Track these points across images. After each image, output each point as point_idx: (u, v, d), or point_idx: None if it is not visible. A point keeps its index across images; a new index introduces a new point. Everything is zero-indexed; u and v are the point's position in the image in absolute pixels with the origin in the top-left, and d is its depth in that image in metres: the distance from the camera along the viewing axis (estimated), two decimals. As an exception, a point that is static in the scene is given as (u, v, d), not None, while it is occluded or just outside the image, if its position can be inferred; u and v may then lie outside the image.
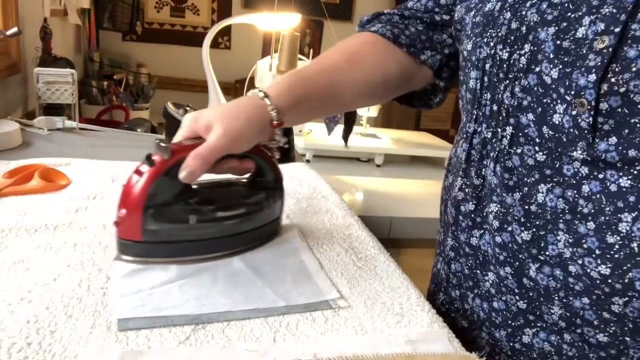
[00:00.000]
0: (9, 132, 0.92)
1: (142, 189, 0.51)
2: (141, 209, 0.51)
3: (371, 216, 1.01)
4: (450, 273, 0.60)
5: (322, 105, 0.63)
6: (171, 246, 0.54)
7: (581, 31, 0.42)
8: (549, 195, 0.46)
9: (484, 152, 0.52)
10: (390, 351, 0.44)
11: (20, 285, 0.47)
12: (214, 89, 1.61)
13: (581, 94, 0.42)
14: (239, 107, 0.54)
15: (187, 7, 2.97)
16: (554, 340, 0.49)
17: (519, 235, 0.48)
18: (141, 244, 0.52)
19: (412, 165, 1.51)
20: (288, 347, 0.43)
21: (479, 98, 0.53)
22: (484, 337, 0.55)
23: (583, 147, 0.43)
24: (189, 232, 0.55)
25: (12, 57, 1.31)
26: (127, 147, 1.04)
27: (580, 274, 0.44)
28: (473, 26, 0.53)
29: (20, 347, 0.39)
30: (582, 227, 0.44)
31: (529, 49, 0.46)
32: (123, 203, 0.51)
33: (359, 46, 0.65)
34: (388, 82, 0.66)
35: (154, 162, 0.51)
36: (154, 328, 0.43)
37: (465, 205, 0.55)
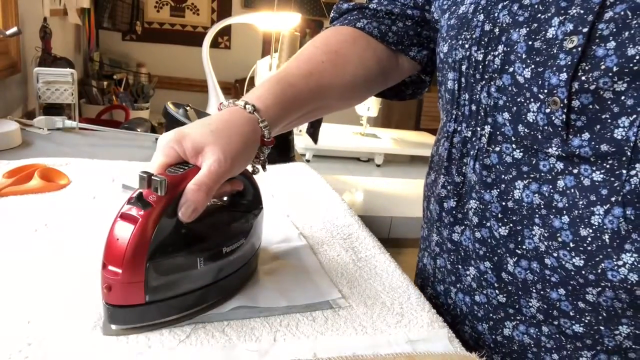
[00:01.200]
0: (9, 132, 0.92)
1: (141, 238, 0.40)
2: (143, 264, 0.40)
3: (371, 216, 1.01)
4: (436, 268, 0.61)
5: (309, 112, 0.59)
6: (178, 300, 0.44)
7: (551, 32, 0.43)
8: (525, 191, 0.47)
9: (464, 151, 0.54)
10: (390, 351, 0.44)
11: (20, 285, 0.47)
12: (213, 88, 1.61)
13: (554, 93, 0.43)
14: (229, 124, 0.47)
15: (187, 7, 2.97)
16: (533, 332, 0.50)
17: (497, 231, 0.50)
18: (142, 306, 0.42)
19: (412, 165, 1.51)
20: (288, 347, 0.43)
21: (457, 98, 0.54)
22: (467, 331, 0.57)
23: (557, 143, 0.44)
24: (198, 278, 0.45)
25: (12, 57, 1.31)
26: (127, 147, 1.04)
27: (555, 267, 0.46)
28: (448, 29, 0.54)
29: (20, 347, 0.39)
30: (557, 221, 0.45)
31: (502, 50, 0.47)
32: (114, 261, 0.40)
33: (341, 44, 0.63)
34: (368, 80, 0.65)
35: (150, 203, 0.41)
36: (154, 328, 0.43)
37: (448, 202, 0.56)
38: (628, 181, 0.41)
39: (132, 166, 0.86)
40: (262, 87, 0.53)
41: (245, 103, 0.49)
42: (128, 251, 0.40)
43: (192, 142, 0.44)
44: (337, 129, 1.58)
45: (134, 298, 0.41)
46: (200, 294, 0.46)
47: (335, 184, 0.92)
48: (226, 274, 0.48)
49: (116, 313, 0.42)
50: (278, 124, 0.52)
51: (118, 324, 0.42)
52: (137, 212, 0.40)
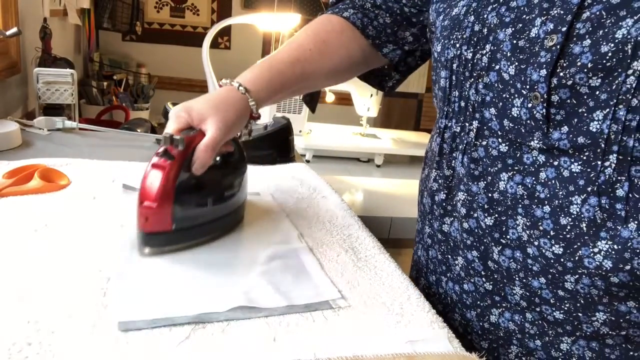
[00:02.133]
0: (9, 132, 0.92)
1: (169, 180, 0.53)
2: (171, 200, 0.54)
3: (371, 216, 1.01)
4: (429, 259, 0.64)
5: (293, 93, 0.71)
6: (194, 230, 0.58)
7: (534, 31, 0.46)
8: (509, 182, 0.50)
9: (453, 145, 0.56)
10: (390, 351, 0.44)
11: (20, 285, 0.47)
12: (213, 89, 1.61)
13: (535, 88, 0.46)
14: (226, 100, 0.60)
15: (187, 7, 2.97)
16: (517, 319, 0.52)
17: (483, 221, 0.52)
18: (170, 233, 0.55)
19: (412, 165, 1.51)
20: (288, 347, 0.43)
21: (448, 95, 0.57)
22: (457, 319, 0.59)
23: (539, 136, 0.47)
24: (208, 213, 0.60)
25: (12, 57, 1.31)
26: (127, 147, 1.04)
27: (536, 255, 0.48)
28: (442, 29, 0.57)
29: (21, 347, 0.39)
30: (538, 211, 0.47)
31: (490, 49, 0.50)
32: (149, 198, 0.53)
33: (329, 34, 0.71)
34: (352, 66, 0.74)
35: (173, 156, 0.54)
36: (154, 328, 0.43)
37: (439, 195, 0.59)
38: (603, 172, 0.43)
39: (132, 166, 0.86)
40: (254, 72, 0.65)
41: (239, 85, 0.62)
42: (160, 189, 0.53)
43: (197, 113, 0.58)
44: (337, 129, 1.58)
45: (164, 226, 0.55)
46: (209, 226, 0.60)
47: (335, 184, 0.92)
48: (226, 212, 0.63)
49: (150, 238, 0.55)
50: (265, 102, 0.65)
51: (151, 247, 0.55)
52: (164, 162, 0.54)
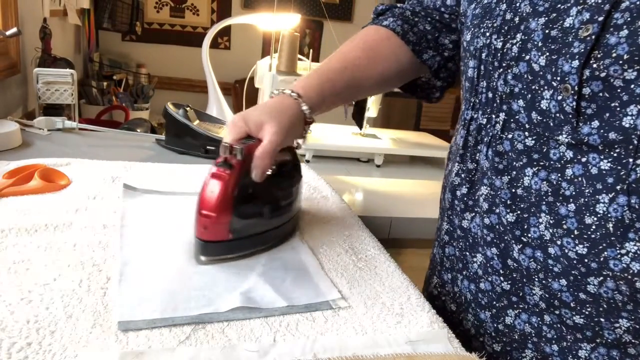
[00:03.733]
0: (9, 132, 0.92)
1: (229, 190, 0.53)
2: (230, 209, 0.54)
3: (371, 216, 1.01)
4: (445, 257, 0.62)
5: (343, 99, 0.70)
6: (251, 239, 0.58)
7: (568, 21, 0.45)
8: (534, 178, 0.48)
9: (478, 138, 0.55)
10: (390, 351, 0.44)
11: (20, 285, 0.47)
12: (213, 89, 1.61)
13: (565, 80, 0.44)
14: (281, 106, 0.60)
15: (186, 7, 2.97)
16: (535, 321, 0.51)
17: (505, 217, 0.51)
18: (228, 242, 0.55)
19: (412, 165, 1.51)
20: (288, 347, 0.43)
21: (475, 86, 0.56)
22: (469, 319, 0.58)
23: (568, 130, 0.45)
24: (265, 223, 0.59)
25: (11, 58, 1.31)
26: (127, 148, 1.04)
27: (558, 256, 0.47)
28: (472, 17, 0.56)
29: (20, 347, 0.39)
30: (563, 209, 0.46)
31: (520, 38, 0.49)
32: (208, 207, 0.53)
33: (377, 42, 0.70)
34: (400, 73, 0.73)
35: (232, 165, 0.54)
36: (154, 328, 0.43)
37: (460, 189, 0.58)
38: (634, 170, 0.42)
39: (132, 166, 0.86)
40: (305, 80, 0.66)
41: (292, 91, 0.62)
42: (219, 199, 0.53)
43: (254, 121, 0.58)
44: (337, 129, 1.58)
45: (222, 235, 0.55)
46: (265, 236, 0.60)
47: (335, 184, 0.92)
48: (281, 222, 0.62)
49: (207, 247, 0.55)
50: (317, 107, 0.64)
51: (208, 255, 0.55)
52: (224, 172, 0.53)
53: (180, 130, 1.02)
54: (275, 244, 0.61)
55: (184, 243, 0.59)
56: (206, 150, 1.01)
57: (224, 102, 1.63)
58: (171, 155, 1.01)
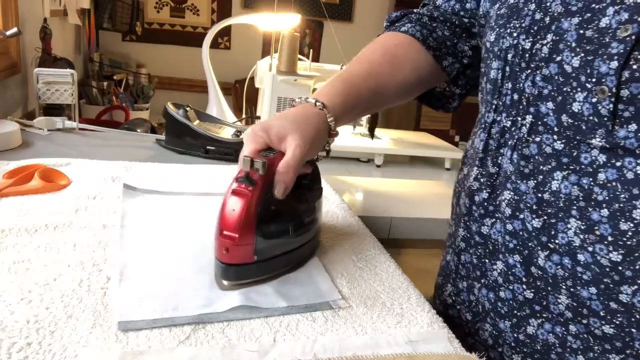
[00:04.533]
0: (9, 132, 0.92)
1: (253, 208, 0.49)
2: (253, 230, 0.50)
3: (371, 216, 1.01)
4: (460, 264, 0.60)
5: (366, 109, 0.67)
6: (276, 260, 0.53)
7: (605, 21, 0.43)
8: (564, 182, 0.47)
9: (501, 141, 0.53)
10: (390, 351, 0.44)
11: (20, 285, 0.47)
12: (213, 89, 1.61)
13: (602, 81, 0.43)
14: (305, 116, 0.56)
15: (187, 7, 2.97)
16: (559, 331, 0.49)
17: (530, 223, 0.49)
18: (250, 265, 0.51)
19: (412, 165, 1.51)
20: (288, 347, 0.43)
21: (499, 88, 0.54)
22: (487, 329, 0.56)
23: (602, 134, 0.44)
24: (290, 242, 0.55)
25: (12, 58, 1.31)
26: (127, 148, 1.04)
27: (589, 263, 0.45)
28: (497, 18, 0.55)
29: (20, 347, 0.39)
30: (595, 214, 0.45)
31: (551, 39, 0.47)
32: (229, 227, 0.49)
33: (397, 48, 0.68)
34: (421, 81, 0.70)
35: (255, 181, 0.49)
36: (154, 328, 0.43)
37: (479, 194, 0.55)
38: None
39: (132, 166, 0.86)
40: (328, 88, 0.62)
41: (316, 101, 0.58)
42: (242, 219, 0.49)
43: (276, 131, 0.54)
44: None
45: (246, 257, 0.50)
46: (290, 256, 0.55)
47: (335, 184, 0.92)
48: (306, 240, 0.58)
49: (230, 271, 0.50)
50: (342, 118, 0.61)
51: (231, 280, 0.51)
52: (245, 188, 0.49)
53: (180, 130, 1.02)
54: (300, 264, 0.57)
55: (184, 243, 0.59)
56: (206, 151, 1.01)
57: (224, 102, 1.63)
58: (171, 155, 1.01)
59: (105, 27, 2.60)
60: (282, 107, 1.32)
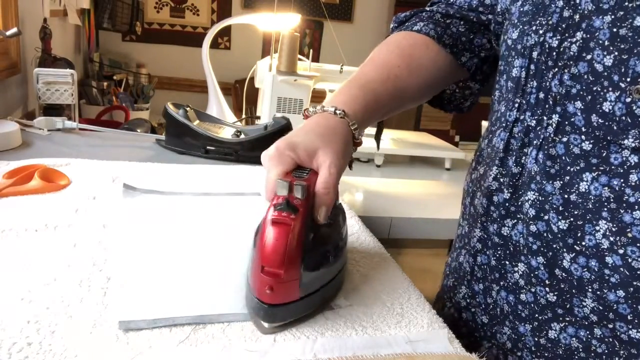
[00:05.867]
0: (9, 132, 0.92)
1: (297, 239, 0.44)
2: (299, 263, 0.44)
3: (371, 216, 1.01)
4: (476, 266, 0.58)
5: (386, 113, 0.64)
6: (319, 293, 0.48)
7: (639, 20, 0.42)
8: (593, 183, 0.46)
9: (525, 140, 0.52)
10: (390, 351, 0.44)
11: (20, 285, 0.47)
12: (214, 89, 1.61)
13: (638, 81, 0.42)
14: (329, 127, 0.53)
15: (187, 7, 2.97)
16: (583, 335, 0.48)
17: (556, 224, 0.48)
18: (296, 302, 0.46)
19: (412, 165, 1.51)
20: (288, 347, 0.43)
21: (523, 86, 0.53)
22: (505, 332, 0.55)
23: (635, 134, 0.43)
24: (330, 272, 0.50)
25: (11, 58, 1.31)
26: (127, 148, 1.04)
27: (617, 266, 0.44)
28: (520, 15, 0.53)
29: (20, 347, 0.39)
30: (627, 216, 0.44)
31: (581, 37, 0.46)
32: (274, 263, 0.43)
33: (413, 48, 0.66)
34: (440, 79, 0.68)
35: (297, 208, 0.44)
36: (154, 328, 0.43)
37: (499, 195, 0.54)
38: None
39: (132, 166, 0.86)
40: (345, 93, 0.58)
41: (335, 109, 0.55)
42: (288, 253, 0.43)
43: (304, 148, 0.49)
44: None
45: (291, 295, 0.45)
46: (331, 286, 0.50)
47: (335, 184, 0.92)
48: (342, 265, 0.53)
49: (274, 311, 0.45)
50: (363, 125, 0.58)
51: (275, 321, 0.45)
52: (287, 217, 0.44)
53: (180, 130, 1.02)
54: (336, 294, 0.52)
55: (184, 243, 0.59)
56: (206, 151, 1.01)
57: (224, 102, 1.63)
58: (171, 155, 1.01)
59: (105, 27, 2.60)
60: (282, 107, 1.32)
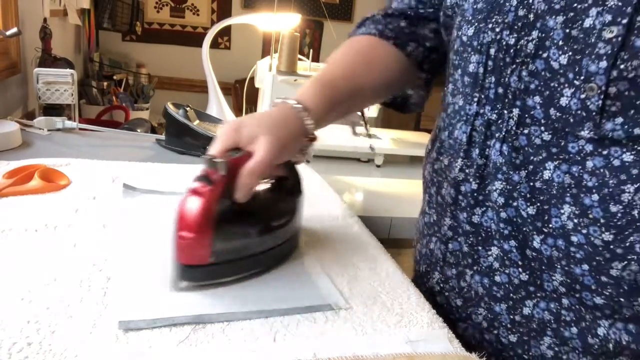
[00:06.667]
0: (9, 132, 0.92)
1: (208, 209, 0.48)
2: (209, 230, 0.48)
3: (371, 216, 1.01)
4: (448, 252, 0.61)
5: (346, 110, 0.66)
6: (236, 263, 0.52)
7: (588, 21, 0.45)
8: (556, 171, 0.49)
9: (488, 133, 0.55)
10: (390, 351, 0.44)
11: (20, 285, 0.47)
12: (213, 89, 1.61)
13: (591, 79, 0.45)
14: (281, 120, 0.55)
15: (187, 7, 2.97)
16: (554, 307, 0.52)
17: (525, 210, 0.51)
18: (207, 267, 0.50)
19: (412, 165, 1.51)
20: (288, 347, 0.43)
21: (481, 81, 0.55)
22: (481, 313, 0.57)
23: (590, 127, 0.46)
24: (252, 245, 0.54)
25: (12, 58, 1.31)
26: (127, 148, 1.04)
27: (582, 243, 0.48)
28: (475, 12, 0.55)
29: (21, 347, 0.39)
30: (587, 199, 0.47)
31: (537, 36, 0.49)
32: (185, 227, 0.48)
33: (364, 48, 0.69)
34: (394, 79, 0.71)
35: (214, 181, 0.48)
36: (154, 328, 0.43)
37: (466, 185, 0.57)
38: None
39: (132, 166, 0.86)
40: (307, 90, 0.61)
41: (296, 102, 0.57)
42: (198, 218, 0.47)
43: (247, 132, 0.53)
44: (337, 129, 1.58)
45: (200, 259, 0.49)
46: (253, 260, 0.54)
47: (335, 184, 0.92)
48: (273, 244, 0.56)
49: (186, 271, 0.50)
50: (322, 121, 0.60)
51: (187, 280, 0.50)
52: (203, 188, 0.48)
53: (180, 130, 1.02)
54: (265, 270, 0.55)
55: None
56: (206, 151, 1.01)
57: (224, 102, 1.63)
58: (171, 155, 1.01)
59: (105, 27, 2.60)
60: (282, 107, 1.32)
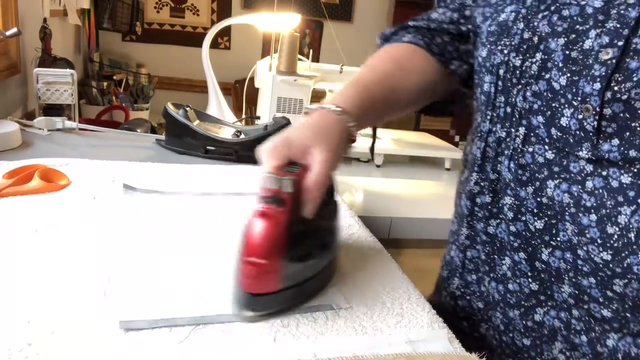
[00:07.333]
0: (9, 132, 0.92)
1: (281, 232, 0.45)
2: (281, 255, 0.45)
3: (371, 216, 1.01)
4: (466, 259, 0.62)
5: (380, 115, 0.66)
6: (299, 288, 0.49)
7: (588, 43, 0.46)
8: (556, 190, 0.50)
9: (499, 150, 0.56)
10: (390, 351, 0.44)
11: (20, 285, 0.47)
12: (213, 89, 1.61)
13: (587, 100, 0.46)
14: (326, 125, 0.54)
15: (186, 7, 2.97)
16: (564, 316, 0.53)
17: (533, 224, 0.52)
18: (275, 293, 0.47)
19: (412, 165, 1.51)
20: (288, 347, 0.43)
21: (493, 100, 0.57)
22: (498, 317, 0.59)
23: (588, 147, 0.47)
24: (314, 266, 0.51)
25: (11, 58, 1.31)
26: (127, 148, 1.04)
27: (586, 258, 0.49)
28: (488, 34, 0.57)
29: (20, 347, 0.39)
30: (585, 219, 0.48)
31: (540, 58, 0.50)
32: (257, 253, 0.45)
33: (404, 55, 0.68)
34: (431, 85, 0.70)
35: (283, 201, 0.45)
36: (154, 328, 0.43)
37: (481, 197, 0.58)
38: None
39: (132, 166, 0.86)
40: (342, 94, 0.60)
41: (335, 106, 0.56)
42: (271, 243, 0.45)
43: (298, 145, 0.51)
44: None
45: (270, 286, 0.46)
46: (316, 280, 0.51)
47: (335, 184, 0.92)
48: (328, 260, 0.54)
49: (253, 301, 0.46)
50: (359, 124, 0.59)
51: (256, 310, 0.46)
52: (274, 209, 0.45)
53: (180, 130, 1.02)
54: (322, 288, 0.53)
55: (184, 243, 0.59)
56: (206, 151, 1.01)
57: (224, 102, 1.63)
58: (171, 155, 1.01)
59: (105, 27, 2.60)
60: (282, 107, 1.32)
